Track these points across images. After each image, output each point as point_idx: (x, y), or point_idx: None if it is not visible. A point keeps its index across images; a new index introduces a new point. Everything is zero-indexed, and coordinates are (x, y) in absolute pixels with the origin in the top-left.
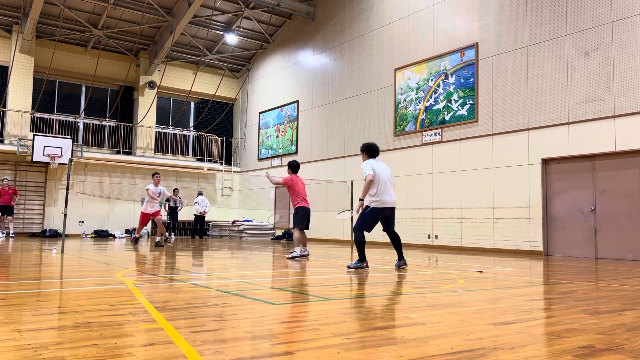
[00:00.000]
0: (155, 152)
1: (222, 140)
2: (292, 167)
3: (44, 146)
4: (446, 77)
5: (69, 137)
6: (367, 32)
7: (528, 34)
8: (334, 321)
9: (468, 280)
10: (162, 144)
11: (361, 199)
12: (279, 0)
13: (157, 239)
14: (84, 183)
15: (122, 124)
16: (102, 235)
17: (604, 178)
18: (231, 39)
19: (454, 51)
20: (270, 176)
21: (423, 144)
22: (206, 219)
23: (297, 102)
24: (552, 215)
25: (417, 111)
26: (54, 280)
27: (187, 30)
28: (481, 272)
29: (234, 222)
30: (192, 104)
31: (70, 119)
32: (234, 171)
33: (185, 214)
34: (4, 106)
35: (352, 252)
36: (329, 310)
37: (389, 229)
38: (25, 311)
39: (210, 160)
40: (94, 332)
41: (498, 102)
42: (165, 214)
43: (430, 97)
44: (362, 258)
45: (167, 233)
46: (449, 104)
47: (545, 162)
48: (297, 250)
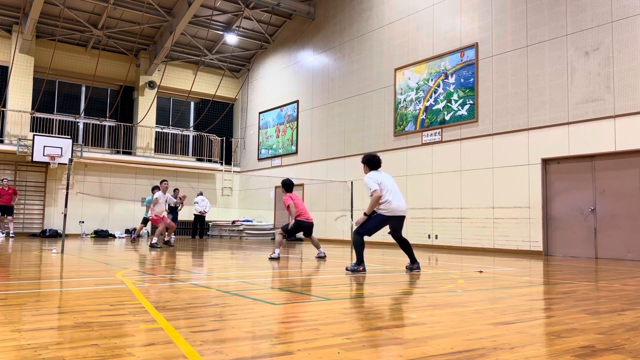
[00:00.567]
0: (155, 152)
1: (222, 140)
2: (286, 185)
3: (44, 146)
4: (446, 77)
5: (69, 137)
6: (367, 32)
7: (528, 34)
8: (334, 321)
9: (468, 280)
10: (162, 144)
11: (366, 214)
12: (279, 0)
13: (166, 238)
14: (84, 183)
15: (122, 124)
16: (102, 235)
17: (604, 178)
18: (231, 39)
19: (454, 51)
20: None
21: (423, 144)
22: (206, 218)
23: (297, 102)
24: (552, 215)
25: (417, 111)
26: (54, 280)
27: (187, 30)
28: (481, 272)
29: (234, 222)
30: (192, 104)
31: (70, 119)
32: (234, 171)
33: (185, 214)
34: (4, 106)
35: (351, 252)
36: (329, 310)
37: (396, 234)
38: (25, 311)
39: (210, 160)
40: (94, 332)
41: (498, 102)
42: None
43: (430, 97)
44: (359, 261)
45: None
46: (449, 104)
47: (545, 162)
48: (277, 252)
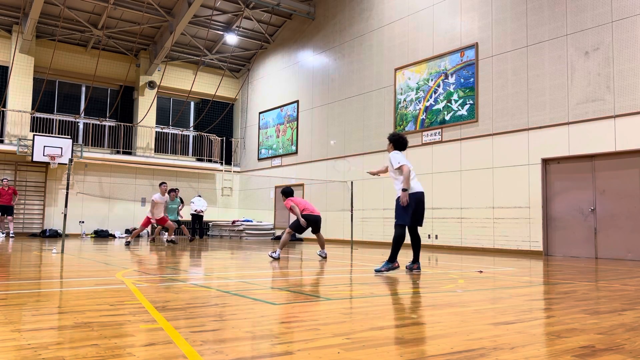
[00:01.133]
0: (155, 152)
1: (222, 140)
2: (286, 193)
3: (44, 146)
4: (446, 77)
5: (69, 137)
6: (367, 32)
7: (528, 34)
8: (334, 321)
9: (468, 280)
10: (162, 144)
11: (405, 189)
12: (279, 0)
13: (172, 237)
14: (84, 183)
15: (122, 124)
16: (102, 235)
17: (604, 178)
18: (231, 39)
19: (454, 51)
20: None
21: (423, 144)
22: (206, 218)
23: (297, 102)
24: (552, 215)
25: (417, 111)
26: (54, 280)
27: (187, 30)
28: (481, 272)
29: (234, 222)
30: (192, 104)
31: (70, 119)
32: (234, 171)
33: (185, 214)
34: (4, 106)
35: (352, 252)
36: (329, 310)
37: (415, 223)
38: (25, 311)
39: (210, 160)
40: (94, 332)
41: (498, 102)
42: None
43: (430, 97)
44: (393, 258)
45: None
46: (449, 104)
47: (545, 162)
48: (278, 252)
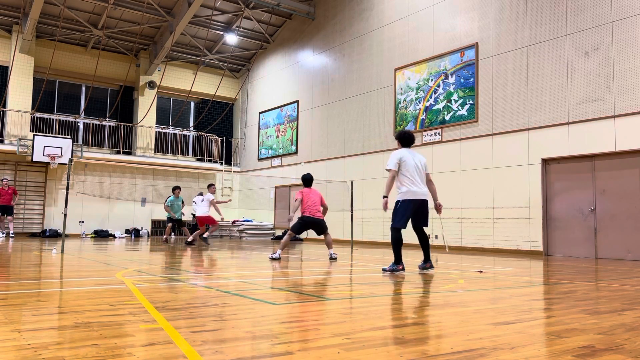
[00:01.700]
0: (155, 152)
1: (222, 140)
2: (304, 180)
3: (44, 146)
4: (446, 77)
5: (69, 137)
6: (367, 32)
7: (528, 34)
8: (334, 321)
9: (468, 280)
10: (162, 144)
11: (384, 196)
12: (279, 0)
13: (206, 234)
14: (84, 183)
15: (122, 124)
16: (102, 235)
17: (604, 178)
18: (231, 39)
19: (454, 51)
20: (291, 216)
21: (423, 144)
22: None
23: (297, 102)
24: (552, 215)
25: (417, 111)
26: (54, 280)
27: (187, 30)
28: (481, 272)
29: (234, 222)
30: (192, 104)
31: (70, 119)
32: (234, 171)
33: (186, 215)
34: (4, 106)
35: (351, 252)
36: (329, 310)
37: (419, 224)
38: (25, 311)
39: (210, 160)
40: (94, 332)
41: (498, 102)
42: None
43: (430, 97)
44: (397, 260)
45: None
46: (449, 104)
47: (545, 162)
48: (278, 252)
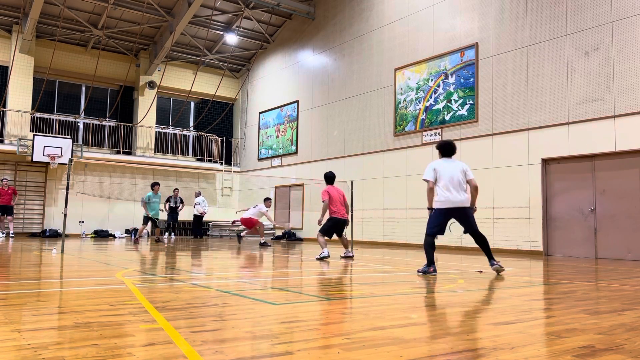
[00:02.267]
0: (155, 152)
1: (222, 140)
2: (326, 178)
3: (44, 146)
4: (446, 77)
5: (69, 137)
6: (367, 32)
7: (528, 34)
8: (334, 321)
9: (468, 280)
10: (162, 144)
11: (429, 208)
12: (279, 0)
13: (262, 240)
14: (84, 183)
15: (122, 124)
16: (102, 235)
17: (604, 178)
18: (231, 39)
19: (454, 51)
20: (321, 218)
21: (423, 144)
22: (206, 218)
23: (297, 102)
24: (552, 215)
25: (417, 111)
26: (54, 280)
27: (187, 30)
28: (481, 272)
29: (234, 222)
30: (192, 104)
31: (70, 119)
32: (234, 171)
33: (185, 214)
34: (4, 106)
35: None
36: (329, 310)
37: (469, 229)
38: (25, 311)
39: (210, 160)
40: (94, 332)
41: (498, 102)
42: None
43: (430, 97)
44: (429, 262)
45: (166, 233)
46: (449, 104)
47: (545, 162)
48: (325, 251)
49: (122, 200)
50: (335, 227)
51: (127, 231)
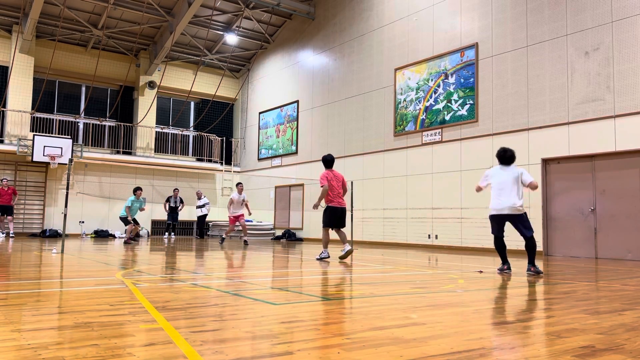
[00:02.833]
0: (155, 152)
1: (222, 140)
2: (325, 161)
3: (44, 146)
4: (446, 77)
5: (69, 137)
6: (367, 32)
7: (528, 34)
8: (334, 321)
9: (468, 280)
10: (162, 144)
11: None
12: (279, 0)
13: (244, 238)
14: (84, 183)
15: (122, 124)
16: (102, 235)
17: (604, 178)
18: (231, 39)
19: (454, 51)
20: (317, 203)
21: (423, 144)
22: (206, 218)
23: (297, 102)
24: (552, 215)
25: (417, 111)
26: (54, 280)
27: (187, 30)
28: (481, 272)
29: None
30: (192, 104)
31: (70, 119)
32: (234, 171)
33: (185, 214)
34: (4, 106)
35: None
36: (329, 310)
37: (522, 234)
38: (25, 311)
39: (210, 160)
40: (94, 332)
41: (498, 102)
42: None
43: (430, 97)
44: (503, 261)
45: (166, 233)
46: (449, 104)
47: (545, 162)
48: (325, 252)
49: (122, 200)
50: (334, 217)
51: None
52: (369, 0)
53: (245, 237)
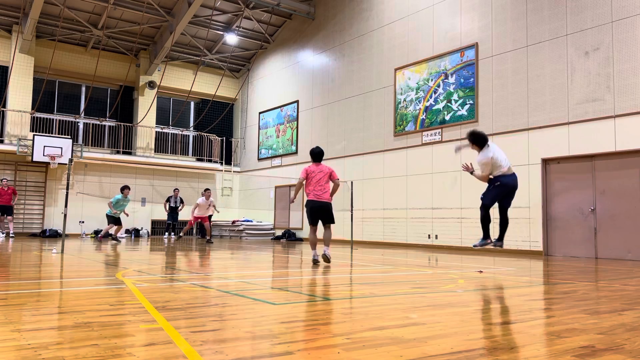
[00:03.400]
0: (155, 152)
1: (222, 140)
2: (311, 154)
3: (44, 146)
4: (446, 77)
5: (69, 137)
6: (367, 32)
7: (528, 34)
8: (334, 321)
9: (468, 280)
10: (162, 144)
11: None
12: (279, 0)
13: (207, 237)
14: (84, 183)
15: (122, 124)
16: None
17: (604, 178)
18: (231, 39)
19: (454, 51)
20: (293, 197)
21: (423, 144)
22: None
23: (297, 102)
24: (552, 215)
25: (417, 111)
26: (54, 280)
27: (187, 30)
28: (481, 272)
29: (234, 222)
30: (192, 104)
31: (70, 119)
32: (234, 171)
33: (186, 215)
34: (4, 106)
35: (352, 252)
36: (329, 310)
37: (506, 205)
38: (25, 311)
39: (210, 160)
40: (94, 332)
41: (498, 102)
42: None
43: (430, 97)
44: (485, 235)
45: (167, 233)
46: (449, 104)
47: (545, 162)
48: (314, 253)
49: None
50: (311, 211)
51: (127, 231)
52: (368, 0)
53: (209, 237)
